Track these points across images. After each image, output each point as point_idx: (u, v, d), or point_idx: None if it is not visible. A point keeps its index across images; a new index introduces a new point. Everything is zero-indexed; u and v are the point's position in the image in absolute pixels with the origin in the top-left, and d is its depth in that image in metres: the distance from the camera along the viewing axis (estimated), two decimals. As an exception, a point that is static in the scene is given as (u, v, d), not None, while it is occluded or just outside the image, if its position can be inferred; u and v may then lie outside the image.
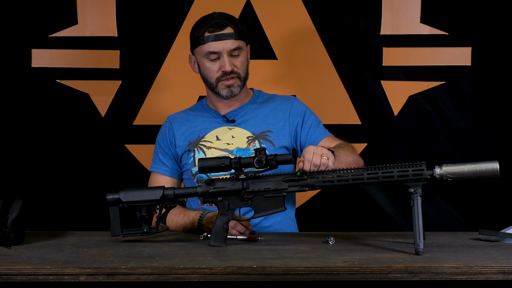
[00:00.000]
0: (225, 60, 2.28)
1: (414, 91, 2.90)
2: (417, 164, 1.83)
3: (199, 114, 2.41)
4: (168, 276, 1.64)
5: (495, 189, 2.87)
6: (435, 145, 2.90)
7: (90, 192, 2.87)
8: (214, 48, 2.27)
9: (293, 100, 2.41)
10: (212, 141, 2.33)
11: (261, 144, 2.30)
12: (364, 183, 1.87)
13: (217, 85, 2.31)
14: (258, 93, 2.45)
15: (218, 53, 2.28)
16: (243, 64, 2.32)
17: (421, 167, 1.83)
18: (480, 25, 2.85)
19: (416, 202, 1.80)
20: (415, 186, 1.81)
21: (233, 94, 2.32)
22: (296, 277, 1.64)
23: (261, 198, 1.94)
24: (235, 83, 2.31)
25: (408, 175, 1.83)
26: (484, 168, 1.81)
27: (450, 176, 1.83)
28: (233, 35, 2.27)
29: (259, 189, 1.93)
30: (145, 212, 1.99)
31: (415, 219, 1.79)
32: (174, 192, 1.98)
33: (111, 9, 2.89)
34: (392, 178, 1.84)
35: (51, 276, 1.63)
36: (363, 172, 1.87)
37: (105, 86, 2.91)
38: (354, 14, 2.88)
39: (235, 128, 2.35)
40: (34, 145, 2.89)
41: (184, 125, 2.39)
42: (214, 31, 2.27)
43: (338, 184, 1.89)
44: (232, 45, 2.28)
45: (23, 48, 2.88)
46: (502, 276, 1.65)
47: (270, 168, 1.92)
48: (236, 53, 2.29)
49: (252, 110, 2.38)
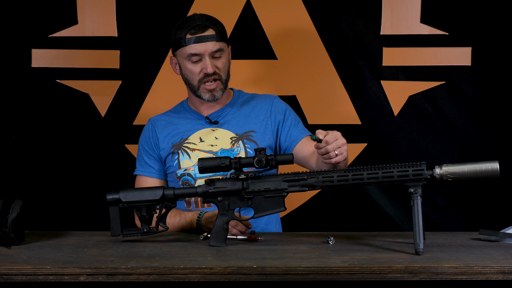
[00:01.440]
0: (206, 62, 2.27)
1: (414, 91, 2.89)
2: (417, 164, 1.83)
3: (181, 116, 2.41)
4: (168, 276, 1.64)
5: (495, 189, 2.87)
6: (435, 145, 2.89)
7: (90, 192, 2.87)
8: (196, 50, 2.27)
9: (273, 99, 2.42)
10: (195, 142, 2.33)
11: (245, 144, 2.30)
12: (364, 183, 1.87)
13: (199, 88, 2.31)
14: (238, 93, 2.45)
15: (200, 55, 2.27)
16: (224, 66, 2.32)
17: (421, 167, 1.83)
18: (480, 25, 2.85)
19: (416, 202, 1.80)
20: (415, 186, 1.81)
21: (215, 98, 2.32)
22: (296, 277, 1.64)
23: (261, 198, 1.94)
24: (217, 87, 2.31)
25: (408, 175, 1.83)
26: (484, 168, 1.81)
27: (450, 176, 1.83)
28: (215, 37, 2.27)
29: (259, 189, 1.93)
30: (145, 212, 1.99)
31: (415, 219, 1.79)
32: (174, 192, 1.98)
33: (111, 9, 2.89)
34: (392, 178, 1.85)
35: (51, 276, 1.63)
36: (363, 172, 1.87)
37: (105, 86, 2.91)
38: (354, 14, 2.88)
39: (218, 129, 2.35)
40: (34, 145, 2.89)
41: (167, 128, 2.39)
42: (196, 33, 2.27)
43: (338, 184, 1.89)
44: (213, 47, 2.27)
45: (23, 48, 2.87)
46: (502, 276, 1.65)
47: (270, 168, 1.92)
48: (217, 55, 2.29)
49: (234, 111, 2.38)
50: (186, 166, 2.31)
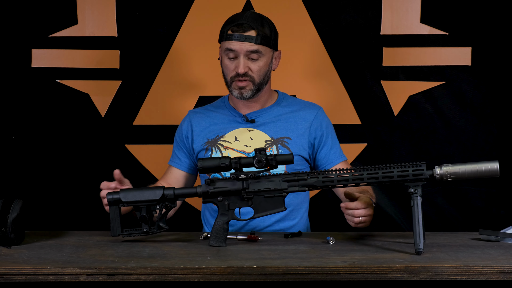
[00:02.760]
0: (240, 61, 2.26)
1: (414, 91, 2.90)
2: (417, 164, 1.83)
3: (220, 111, 2.41)
4: (168, 276, 1.64)
5: (495, 189, 2.87)
6: (435, 145, 2.90)
7: (90, 192, 2.86)
8: (232, 46, 2.26)
9: (317, 110, 2.39)
10: (230, 141, 2.32)
11: (278, 149, 2.29)
12: (364, 183, 1.87)
13: (231, 84, 2.30)
14: (283, 96, 2.43)
15: (235, 53, 2.27)
16: (260, 69, 2.29)
17: (421, 167, 1.83)
18: (480, 25, 2.85)
19: (416, 202, 1.80)
20: (415, 186, 1.82)
21: (243, 97, 2.30)
22: (296, 277, 1.64)
23: (261, 198, 1.94)
24: (247, 86, 2.29)
25: (408, 175, 1.83)
26: (484, 168, 1.81)
27: (450, 176, 1.83)
28: (254, 38, 2.25)
29: (259, 189, 1.93)
30: (145, 212, 1.98)
31: (415, 219, 1.79)
32: (174, 192, 1.98)
33: (111, 9, 2.89)
34: (392, 178, 1.85)
35: (51, 276, 1.63)
36: (363, 172, 1.87)
37: (105, 86, 2.91)
38: (354, 14, 2.88)
39: (254, 130, 2.33)
40: (34, 145, 2.89)
41: (204, 121, 2.39)
42: (237, 31, 2.26)
43: (338, 184, 1.89)
44: (249, 48, 2.25)
45: (23, 48, 2.88)
46: (502, 276, 1.65)
47: (271, 168, 1.92)
48: (254, 57, 2.27)
49: (274, 114, 2.37)
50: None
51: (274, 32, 2.34)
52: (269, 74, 2.34)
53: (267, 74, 2.33)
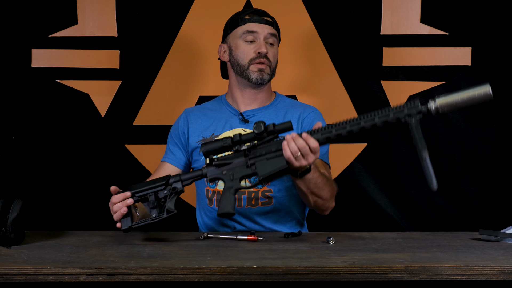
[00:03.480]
0: (261, 42, 2.29)
1: (414, 91, 2.89)
2: (411, 102, 1.82)
3: (217, 110, 2.41)
4: (168, 276, 1.64)
5: (495, 189, 2.87)
6: (435, 145, 2.89)
7: (90, 192, 2.87)
8: (253, 28, 2.29)
9: (310, 111, 2.38)
10: None
11: None
12: (364, 130, 1.86)
13: (248, 67, 2.30)
14: (280, 98, 2.43)
15: (255, 35, 2.28)
16: (274, 56, 2.33)
17: (416, 104, 1.82)
18: (480, 25, 2.85)
19: (415, 122, 1.80)
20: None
21: (262, 79, 2.30)
22: (296, 277, 1.64)
23: (263, 161, 1.94)
24: (266, 69, 2.30)
25: (404, 113, 1.82)
26: (477, 93, 1.79)
27: (446, 107, 1.81)
28: (271, 23, 2.31)
29: (261, 153, 1.94)
30: (153, 197, 1.99)
31: (417, 142, 1.79)
32: (180, 178, 2.00)
33: (111, 9, 2.89)
34: (389, 118, 1.83)
35: (51, 276, 1.63)
36: (360, 121, 1.87)
37: (105, 86, 2.91)
38: (354, 14, 2.88)
39: (249, 130, 2.33)
40: (34, 145, 2.89)
41: (200, 119, 2.39)
42: (255, 15, 2.30)
43: (336, 137, 1.90)
44: (270, 30, 2.30)
45: (23, 48, 2.87)
46: (502, 276, 1.65)
47: (273, 138, 1.93)
48: (271, 41, 2.31)
49: (270, 114, 2.37)
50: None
51: (278, 28, 2.38)
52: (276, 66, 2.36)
53: (276, 64, 2.35)
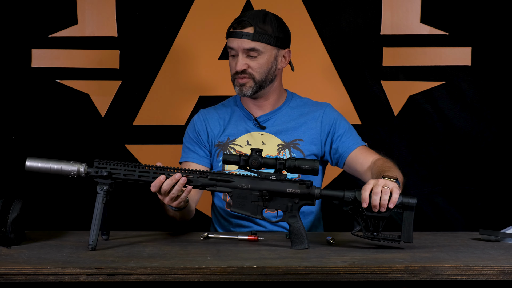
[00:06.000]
0: (238, 59, 2.25)
1: (414, 91, 2.90)
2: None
3: (232, 112, 2.39)
4: (168, 276, 1.64)
5: (495, 189, 2.87)
6: (435, 145, 2.90)
7: (90, 192, 2.86)
8: (231, 43, 2.26)
9: (325, 108, 2.38)
10: (242, 145, 2.31)
11: (291, 153, 2.28)
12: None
13: (233, 81, 2.30)
14: (291, 96, 2.41)
15: (235, 50, 2.26)
16: (260, 67, 2.26)
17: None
18: (480, 25, 2.85)
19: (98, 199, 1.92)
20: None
21: (243, 94, 2.28)
22: (296, 277, 1.64)
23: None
24: (247, 84, 2.27)
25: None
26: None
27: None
28: (251, 35, 2.22)
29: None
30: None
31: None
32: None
33: (111, 9, 2.89)
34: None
35: (51, 276, 1.63)
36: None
37: (105, 86, 2.90)
38: (354, 14, 2.88)
39: (266, 134, 2.32)
40: (34, 145, 2.89)
41: (217, 122, 2.37)
42: (236, 28, 2.25)
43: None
44: (246, 45, 2.23)
45: (23, 48, 2.87)
46: (502, 276, 1.65)
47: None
48: (253, 54, 2.25)
49: (284, 116, 2.36)
50: (230, 169, 2.27)
51: (280, 30, 2.29)
52: (274, 72, 2.30)
53: (271, 72, 2.29)
